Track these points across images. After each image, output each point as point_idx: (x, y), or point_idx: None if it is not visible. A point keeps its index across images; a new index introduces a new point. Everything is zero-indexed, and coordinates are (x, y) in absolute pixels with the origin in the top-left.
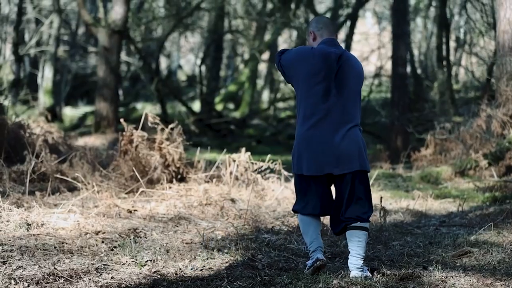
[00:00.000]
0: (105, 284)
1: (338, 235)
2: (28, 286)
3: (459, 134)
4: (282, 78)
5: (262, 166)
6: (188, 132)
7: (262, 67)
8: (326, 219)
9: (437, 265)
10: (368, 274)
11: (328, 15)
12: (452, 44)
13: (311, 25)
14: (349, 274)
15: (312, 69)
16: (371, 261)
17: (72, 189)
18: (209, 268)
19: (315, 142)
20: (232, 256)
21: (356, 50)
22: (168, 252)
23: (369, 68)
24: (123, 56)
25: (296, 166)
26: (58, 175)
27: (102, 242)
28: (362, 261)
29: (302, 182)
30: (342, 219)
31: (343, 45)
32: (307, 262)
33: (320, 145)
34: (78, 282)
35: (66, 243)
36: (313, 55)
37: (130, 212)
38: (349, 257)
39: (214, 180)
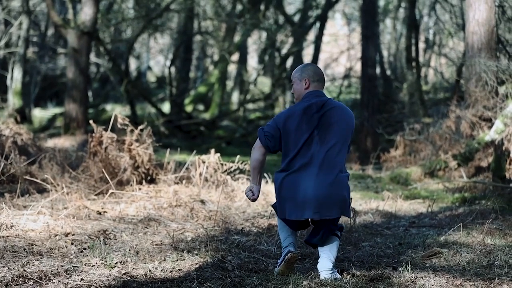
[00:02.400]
0: (75, 286)
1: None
2: None
3: (429, 135)
4: (251, 79)
5: (231, 167)
6: (157, 133)
7: (232, 68)
8: None
9: (407, 266)
10: (338, 276)
11: (297, 16)
12: (422, 45)
13: (306, 72)
14: (319, 276)
15: (296, 124)
16: (341, 262)
17: (42, 190)
18: (179, 269)
19: (297, 187)
20: (202, 258)
21: (326, 51)
22: (138, 253)
23: (338, 69)
24: (93, 57)
25: (279, 211)
26: (27, 177)
27: (72, 243)
28: (332, 265)
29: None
30: (316, 242)
31: (312, 47)
32: (278, 261)
33: (301, 191)
34: (47, 284)
35: (36, 245)
36: (295, 111)
37: (100, 213)
38: (319, 260)
39: (184, 181)
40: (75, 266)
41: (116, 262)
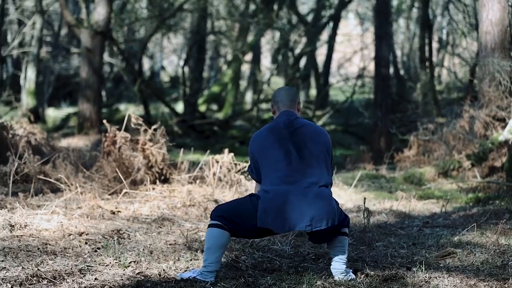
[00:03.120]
0: (89, 286)
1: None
2: (12, 287)
3: (442, 135)
4: (265, 79)
5: (245, 167)
6: (171, 133)
7: (245, 68)
8: None
9: (421, 266)
10: (353, 276)
11: (310, 16)
12: (435, 45)
13: (273, 98)
14: (333, 276)
15: (267, 144)
16: (355, 262)
17: (56, 190)
18: (193, 269)
19: (283, 200)
20: None
21: (339, 51)
22: (151, 253)
23: (352, 69)
24: (106, 57)
25: (260, 220)
26: (41, 176)
27: (86, 243)
28: (345, 266)
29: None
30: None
31: (325, 46)
32: (191, 274)
33: (290, 205)
34: (61, 283)
35: (50, 244)
36: (261, 134)
37: (114, 213)
38: (332, 263)
39: (198, 181)
40: (89, 266)
41: (130, 262)
